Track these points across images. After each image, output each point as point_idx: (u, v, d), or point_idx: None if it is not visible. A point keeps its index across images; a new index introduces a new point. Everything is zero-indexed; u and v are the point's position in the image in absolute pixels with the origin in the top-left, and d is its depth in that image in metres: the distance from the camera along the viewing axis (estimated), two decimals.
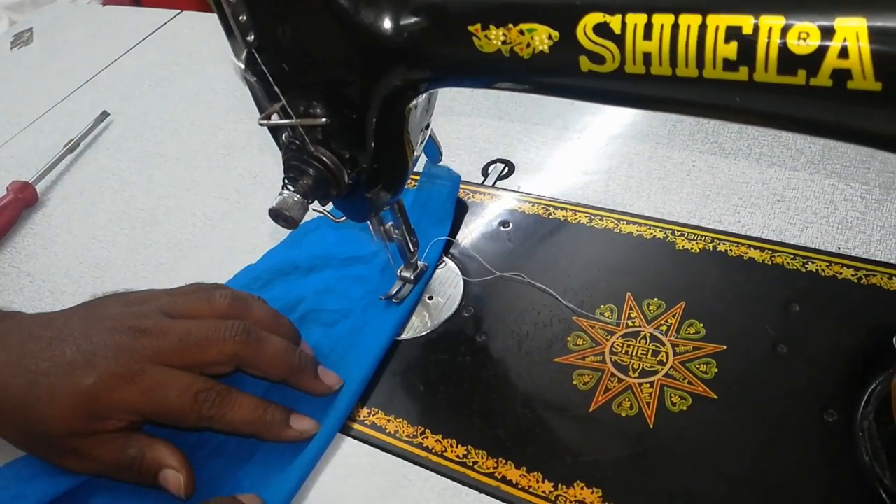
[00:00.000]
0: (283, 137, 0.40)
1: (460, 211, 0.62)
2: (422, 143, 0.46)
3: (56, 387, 0.44)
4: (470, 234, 0.61)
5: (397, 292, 0.57)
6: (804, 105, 0.26)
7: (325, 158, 0.39)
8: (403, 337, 0.55)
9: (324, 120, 0.37)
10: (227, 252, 0.66)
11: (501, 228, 0.61)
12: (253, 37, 0.35)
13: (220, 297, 0.50)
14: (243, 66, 0.37)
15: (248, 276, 0.61)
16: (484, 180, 0.66)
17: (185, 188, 0.76)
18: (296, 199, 0.38)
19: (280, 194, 0.38)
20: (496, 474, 0.46)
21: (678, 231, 0.56)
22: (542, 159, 0.67)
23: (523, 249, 0.59)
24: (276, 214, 0.38)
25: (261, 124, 0.38)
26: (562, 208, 0.61)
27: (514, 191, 0.64)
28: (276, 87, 0.37)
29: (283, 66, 0.37)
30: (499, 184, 0.66)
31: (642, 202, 0.60)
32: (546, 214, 0.61)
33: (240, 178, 0.75)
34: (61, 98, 0.96)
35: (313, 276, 0.60)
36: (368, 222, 0.53)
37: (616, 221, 0.58)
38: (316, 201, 0.44)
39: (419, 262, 0.57)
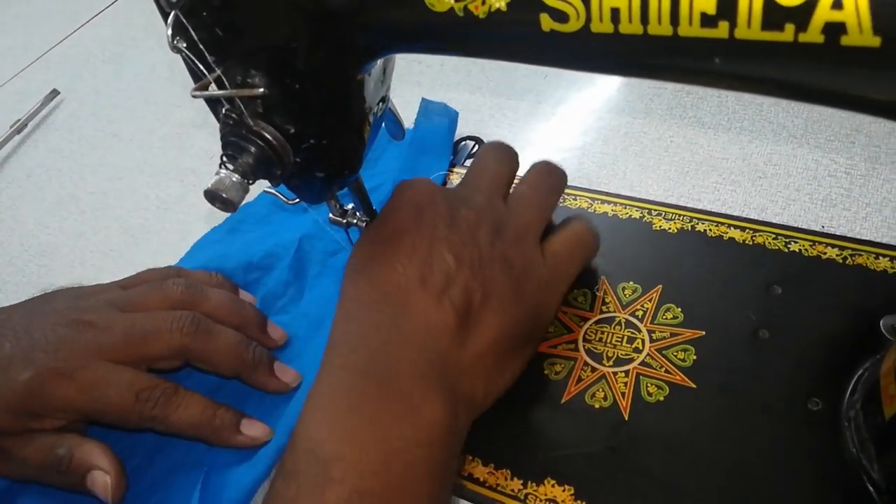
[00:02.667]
0: (222, 112, 0.36)
1: None
2: (379, 115, 0.43)
3: None
4: None
5: None
6: (793, 66, 0.23)
7: (266, 134, 0.35)
8: None
9: (261, 90, 0.34)
10: (181, 237, 0.62)
11: None
12: None
13: (174, 284, 0.46)
14: (170, 32, 0.33)
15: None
16: (453, 159, 0.62)
17: (139, 170, 0.72)
18: (234, 179, 0.35)
19: (217, 174, 0.35)
20: (463, 472, 0.43)
21: (655, 210, 0.53)
22: (513, 136, 0.64)
23: None
24: (212, 196, 0.34)
25: (193, 96, 0.34)
26: None
27: None
28: (208, 56, 0.33)
29: (216, 31, 0.33)
30: (468, 162, 0.62)
31: (618, 180, 0.57)
32: None
33: (196, 158, 0.71)
34: (9, 77, 0.91)
35: (272, 267, 0.56)
36: (326, 204, 0.49)
37: (590, 201, 0.55)
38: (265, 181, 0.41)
39: None
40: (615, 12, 0.25)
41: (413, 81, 0.70)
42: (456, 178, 0.60)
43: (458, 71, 0.72)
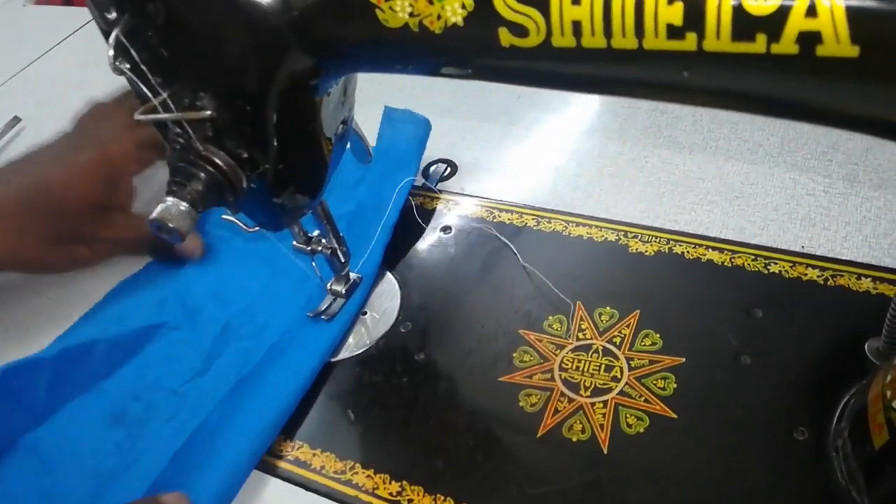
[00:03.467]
0: (170, 136, 0.34)
1: (400, 217, 0.56)
2: (340, 138, 0.41)
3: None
4: (409, 240, 0.56)
5: (327, 308, 0.51)
6: (765, 78, 0.21)
7: (216, 159, 0.33)
8: (338, 357, 0.50)
9: (209, 113, 0.32)
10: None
11: (443, 234, 0.56)
12: (115, 14, 0.29)
13: None
14: (112, 53, 0.31)
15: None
16: (425, 182, 0.60)
17: None
18: (182, 207, 0.32)
19: (163, 202, 0.33)
20: None
21: (631, 232, 0.52)
22: (486, 158, 0.62)
23: (466, 256, 0.54)
24: (158, 226, 0.32)
25: (137, 120, 0.32)
26: (507, 210, 0.56)
27: (456, 193, 0.59)
28: (152, 78, 0.32)
29: (161, 52, 0.32)
30: (441, 185, 0.61)
31: (592, 202, 0.55)
32: (491, 218, 0.56)
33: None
34: None
35: (232, 294, 0.54)
36: (289, 231, 0.47)
37: (565, 224, 0.54)
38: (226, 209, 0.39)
39: (352, 274, 0.52)
40: (577, 25, 0.23)
41: (382, 103, 0.68)
42: (427, 200, 0.59)
43: (429, 93, 0.70)
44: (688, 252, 0.50)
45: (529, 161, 0.61)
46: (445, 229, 0.56)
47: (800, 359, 0.43)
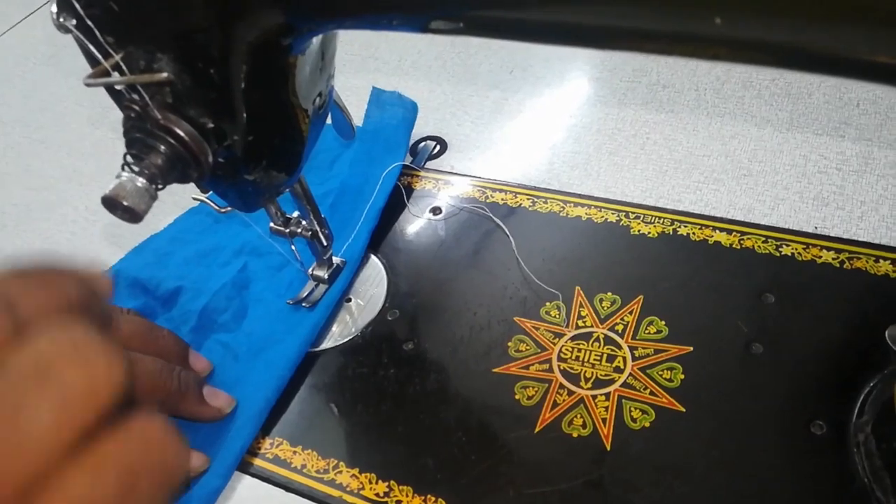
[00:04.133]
0: (124, 103, 0.30)
1: (389, 198, 0.53)
2: (320, 109, 0.37)
3: None
4: (396, 222, 0.53)
5: (308, 295, 0.48)
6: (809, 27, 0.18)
7: (177, 129, 0.29)
8: (321, 347, 0.46)
9: (164, 75, 0.28)
10: (110, 252, 0.56)
11: (432, 216, 0.53)
12: None
13: None
14: (55, 10, 0.27)
15: (131, 271, 0.51)
16: (412, 160, 0.57)
17: (67, 178, 0.65)
18: (139, 183, 0.29)
19: (118, 177, 0.29)
20: None
21: (633, 213, 0.49)
22: (477, 135, 0.59)
23: (457, 239, 0.50)
24: (111, 204, 0.29)
25: (86, 84, 0.29)
26: (500, 190, 0.53)
27: (446, 172, 0.56)
28: (101, 37, 0.28)
29: (111, 7, 0.28)
30: (429, 164, 0.57)
31: (591, 181, 0.52)
32: (483, 198, 0.53)
33: None
34: None
35: (207, 275, 0.51)
36: (265, 211, 0.44)
37: (562, 204, 0.50)
38: (194, 186, 0.35)
39: (335, 259, 0.48)
40: None
41: (367, 76, 0.65)
42: (415, 180, 0.55)
43: (416, 65, 0.66)
44: (693, 233, 0.46)
45: (523, 138, 0.57)
46: (435, 210, 0.53)
47: (815, 347, 0.40)
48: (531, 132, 0.58)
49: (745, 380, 0.39)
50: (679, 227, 0.47)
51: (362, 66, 0.67)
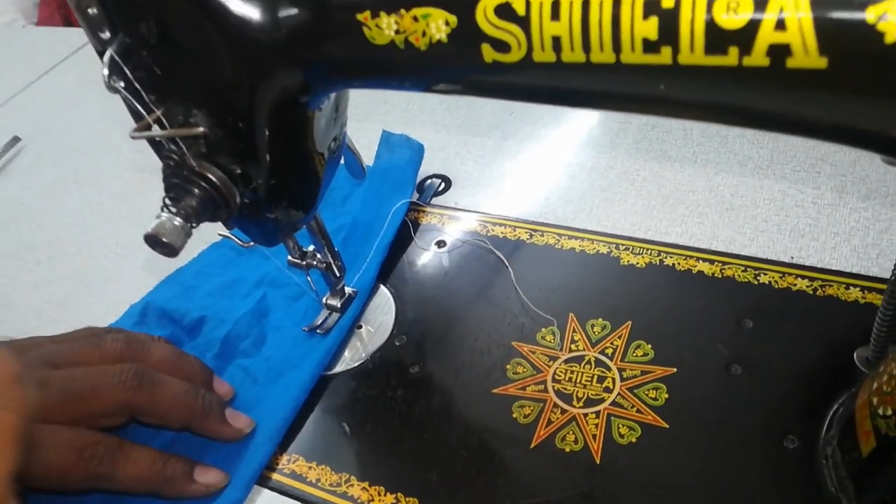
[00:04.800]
0: (164, 153, 0.35)
1: (398, 232, 0.57)
2: (334, 153, 0.41)
3: None
4: (404, 254, 0.57)
5: (322, 323, 0.52)
6: (739, 90, 0.22)
7: (210, 175, 0.34)
8: (334, 371, 0.50)
9: (201, 129, 0.32)
10: (139, 285, 0.60)
11: (437, 248, 0.57)
12: (108, 34, 0.30)
13: (112, 340, 0.44)
14: (106, 72, 0.32)
15: (160, 302, 0.55)
16: (419, 197, 0.61)
17: (99, 216, 0.70)
18: (176, 222, 0.33)
19: (157, 217, 0.33)
20: None
21: (623, 245, 0.52)
22: (479, 173, 0.63)
23: (460, 270, 0.54)
24: (153, 241, 0.33)
25: (132, 137, 0.33)
26: (501, 224, 0.57)
27: (450, 208, 0.60)
28: (146, 95, 0.32)
29: (154, 70, 0.32)
30: (435, 201, 0.61)
31: (584, 215, 0.56)
32: (484, 232, 0.57)
33: (158, 203, 0.69)
34: None
35: (229, 306, 0.55)
36: (284, 245, 0.48)
37: (557, 237, 0.54)
38: (222, 225, 0.40)
39: (347, 289, 0.52)
40: (556, 41, 0.24)
41: (377, 120, 0.69)
42: (422, 215, 0.59)
43: (423, 109, 0.71)
44: (679, 264, 0.50)
45: (522, 175, 0.62)
46: (440, 243, 0.57)
47: (790, 368, 0.43)
48: (529, 170, 0.62)
49: (724, 398, 0.42)
50: (665, 257, 0.51)
51: (372, 111, 0.71)
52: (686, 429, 0.42)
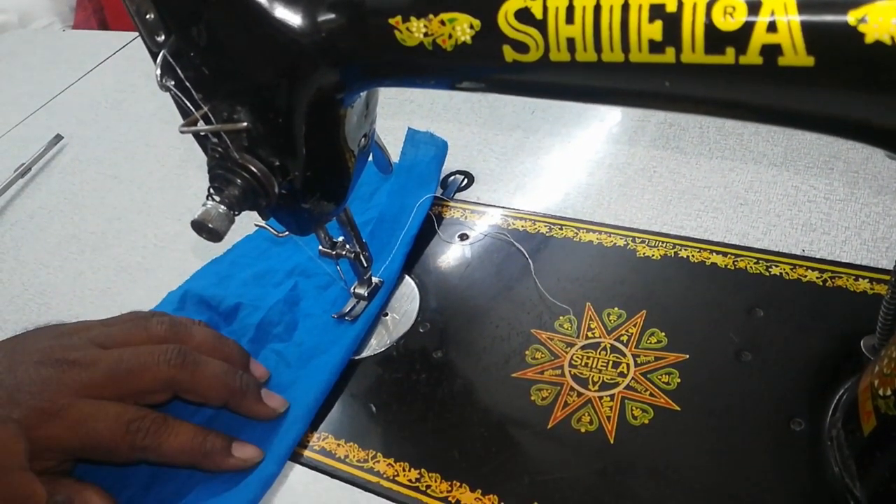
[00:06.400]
0: (209, 146, 0.37)
1: (420, 225, 0.60)
2: (364, 149, 0.44)
3: None
4: (428, 246, 0.59)
5: (350, 310, 0.54)
6: (735, 86, 0.24)
7: (252, 167, 0.36)
8: (362, 356, 0.53)
9: (244, 124, 0.35)
10: (177, 274, 0.63)
11: (460, 241, 0.59)
12: (163, 37, 0.33)
13: (157, 323, 0.47)
14: (159, 72, 0.35)
15: (197, 290, 0.59)
16: (443, 192, 0.64)
17: (137, 210, 0.73)
18: (220, 210, 0.36)
19: (203, 205, 0.36)
20: (450, 498, 0.43)
21: (639, 238, 0.54)
22: (501, 169, 0.65)
23: (482, 262, 0.57)
24: (199, 227, 0.36)
25: (181, 131, 0.36)
26: (521, 219, 0.59)
27: (473, 202, 0.63)
28: (195, 93, 0.35)
29: (203, 71, 0.35)
30: (458, 196, 0.64)
31: (602, 210, 0.58)
32: (505, 225, 0.59)
33: (194, 197, 0.73)
34: (15, 124, 0.94)
35: (263, 294, 0.58)
36: (315, 236, 0.51)
37: (576, 230, 0.57)
38: (257, 215, 0.42)
39: (374, 278, 0.55)
40: (571, 42, 0.26)
41: (404, 118, 0.72)
42: (445, 209, 0.62)
43: (447, 108, 0.74)
44: (693, 256, 0.52)
45: (542, 171, 0.64)
46: (462, 237, 0.59)
47: (799, 355, 0.45)
48: (549, 167, 0.64)
49: (734, 383, 0.44)
50: (680, 250, 0.53)
51: (399, 110, 0.74)
52: (697, 411, 0.44)
